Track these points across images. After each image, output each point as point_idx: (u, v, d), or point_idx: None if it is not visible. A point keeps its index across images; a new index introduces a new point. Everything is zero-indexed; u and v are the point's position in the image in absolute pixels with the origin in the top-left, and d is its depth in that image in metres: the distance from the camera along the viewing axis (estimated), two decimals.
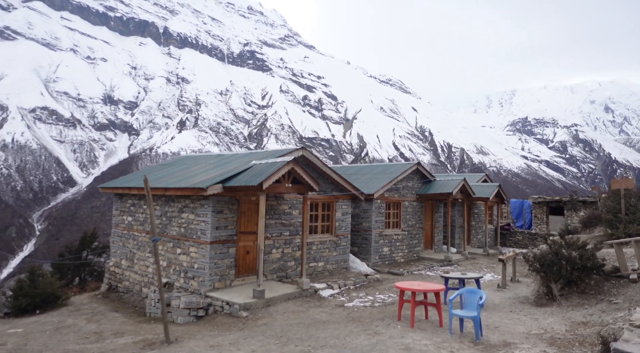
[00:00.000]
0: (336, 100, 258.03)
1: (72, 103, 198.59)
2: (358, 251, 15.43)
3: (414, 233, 17.07)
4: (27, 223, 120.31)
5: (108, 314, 10.30)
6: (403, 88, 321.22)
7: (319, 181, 12.65)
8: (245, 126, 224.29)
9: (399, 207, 16.44)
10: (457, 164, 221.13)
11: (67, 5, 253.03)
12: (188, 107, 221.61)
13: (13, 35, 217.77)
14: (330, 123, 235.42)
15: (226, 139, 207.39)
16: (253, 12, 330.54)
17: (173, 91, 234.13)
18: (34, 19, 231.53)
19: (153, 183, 11.64)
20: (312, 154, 12.35)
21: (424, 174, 17.52)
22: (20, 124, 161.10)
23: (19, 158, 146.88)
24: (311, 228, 12.95)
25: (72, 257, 13.86)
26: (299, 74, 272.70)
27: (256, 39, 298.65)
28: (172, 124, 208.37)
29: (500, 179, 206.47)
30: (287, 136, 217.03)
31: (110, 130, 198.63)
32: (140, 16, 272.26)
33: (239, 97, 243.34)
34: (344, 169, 18.72)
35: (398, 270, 14.60)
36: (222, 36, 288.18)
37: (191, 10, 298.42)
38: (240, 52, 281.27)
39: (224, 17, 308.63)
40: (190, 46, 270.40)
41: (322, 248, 13.14)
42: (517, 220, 25.03)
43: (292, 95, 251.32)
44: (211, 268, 10.10)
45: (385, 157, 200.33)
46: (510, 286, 12.54)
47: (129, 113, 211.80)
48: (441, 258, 16.59)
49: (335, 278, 12.53)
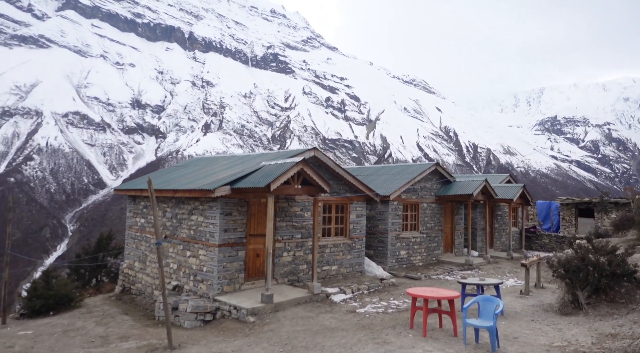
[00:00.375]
0: (359, 101, 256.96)
1: (102, 108, 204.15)
2: (374, 255, 15.01)
3: (432, 235, 16.52)
4: (60, 224, 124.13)
5: (118, 317, 10.24)
6: (427, 88, 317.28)
7: (331, 183, 12.34)
8: (269, 128, 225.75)
9: (416, 209, 15.94)
10: (483, 164, 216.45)
11: (97, 13, 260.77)
12: (213, 110, 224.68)
13: (47, 43, 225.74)
14: (353, 124, 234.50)
15: (250, 141, 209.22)
16: (276, 15, 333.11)
17: (198, 95, 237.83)
18: (67, 27, 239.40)
19: (164, 185, 11.57)
20: (324, 155, 12.04)
21: (443, 175, 16.95)
22: (54, 129, 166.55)
23: (52, 161, 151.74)
24: (324, 230, 12.64)
25: (88, 258, 13.97)
26: (321, 76, 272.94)
27: (279, 41, 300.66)
28: (197, 127, 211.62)
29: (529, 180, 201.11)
30: (310, 137, 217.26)
31: (138, 133, 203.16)
32: (166, 22, 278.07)
33: (263, 100, 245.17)
34: (361, 170, 18.34)
35: (415, 274, 14.11)
36: (245, 40, 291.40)
37: (215, 15, 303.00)
38: (263, 55, 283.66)
39: (248, 21, 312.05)
40: (214, 50, 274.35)
41: (336, 251, 12.80)
42: (544, 223, 24.02)
43: (315, 97, 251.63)
44: (219, 272, 9.91)
45: (409, 158, 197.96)
46: (534, 293, 11.90)
47: (156, 117, 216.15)
48: (461, 262, 15.99)
49: (349, 282, 12.17)
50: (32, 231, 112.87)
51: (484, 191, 16.62)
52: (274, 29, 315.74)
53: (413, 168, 16.37)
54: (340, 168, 12.57)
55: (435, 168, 16.45)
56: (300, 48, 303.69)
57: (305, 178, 10.22)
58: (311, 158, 11.78)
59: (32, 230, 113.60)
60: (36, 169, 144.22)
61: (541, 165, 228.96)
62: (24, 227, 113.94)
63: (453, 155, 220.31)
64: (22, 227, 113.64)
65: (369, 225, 15.19)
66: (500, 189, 18.68)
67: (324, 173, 12.38)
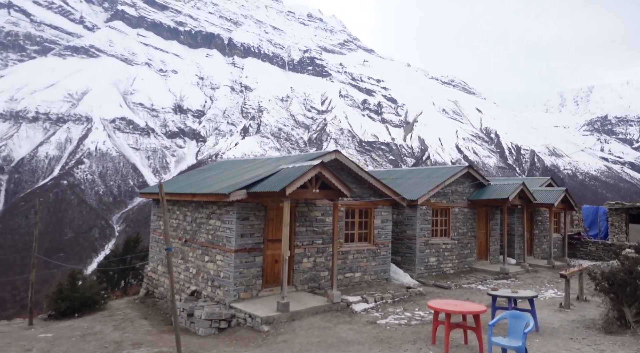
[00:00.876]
0: (396, 103, 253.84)
1: (146, 113, 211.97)
2: (401, 261, 14.38)
3: (465, 242, 15.68)
4: (107, 224, 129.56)
5: (136, 321, 10.21)
6: (466, 89, 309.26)
7: (355, 187, 11.90)
8: (305, 131, 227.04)
9: (447, 214, 15.17)
10: (527, 167, 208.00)
11: (142, 23, 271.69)
12: (251, 114, 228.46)
13: (97, 52, 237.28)
14: (390, 127, 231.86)
15: (287, 144, 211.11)
16: (313, 19, 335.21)
17: (237, 99, 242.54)
18: (114, 37, 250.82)
19: (184, 189, 11.50)
20: (346, 158, 11.60)
21: (476, 178, 16.07)
22: (102, 134, 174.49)
23: (101, 164, 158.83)
24: (347, 236, 12.19)
25: (116, 261, 14.17)
26: (358, 78, 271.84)
27: (316, 45, 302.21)
28: (236, 131, 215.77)
29: (576, 183, 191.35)
30: (347, 140, 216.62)
31: (180, 137, 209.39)
32: (207, 29, 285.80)
33: (299, 103, 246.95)
34: (389, 174, 17.73)
35: (445, 282, 13.38)
36: (283, 44, 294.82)
37: (254, 21, 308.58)
38: (300, 59, 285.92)
39: (285, 26, 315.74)
40: (253, 55, 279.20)
41: (359, 257, 12.31)
42: (591, 229, 22.43)
43: (352, 99, 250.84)
44: (236, 278, 9.67)
45: (447, 160, 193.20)
46: (576, 306, 10.94)
47: (197, 121, 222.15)
48: (496, 271, 15.07)
49: (373, 291, 11.64)
50: (83, 231, 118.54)
51: (521, 195, 15.63)
52: (310, 33, 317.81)
53: (443, 170, 15.62)
54: (364, 171, 12.09)
55: (468, 171, 15.62)
56: (336, 51, 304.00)
57: (324, 182, 9.83)
58: (332, 161, 11.38)
59: (83, 230, 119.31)
60: (86, 173, 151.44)
61: (590, 167, 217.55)
62: (75, 227, 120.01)
63: (494, 157, 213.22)
64: (74, 227, 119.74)
65: (396, 230, 14.60)
66: (540, 193, 17.54)
67: (347, 177, 11.94)
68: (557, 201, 16.78)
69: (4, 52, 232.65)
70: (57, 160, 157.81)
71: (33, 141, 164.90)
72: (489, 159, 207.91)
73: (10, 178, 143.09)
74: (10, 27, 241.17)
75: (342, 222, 11.90)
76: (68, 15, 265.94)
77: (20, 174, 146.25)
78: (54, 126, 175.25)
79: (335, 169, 11.68)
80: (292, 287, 10.81)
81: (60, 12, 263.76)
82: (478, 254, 16.33)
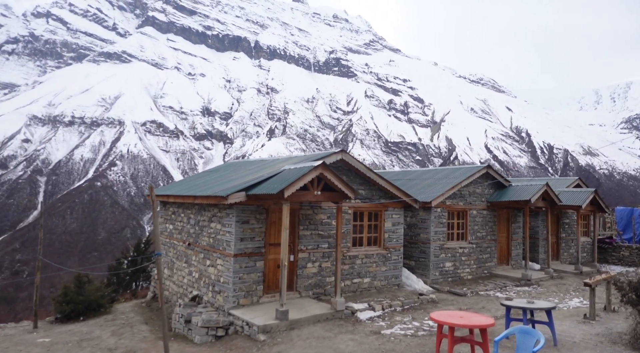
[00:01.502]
0: (423, 103, 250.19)
1: (175, 116, 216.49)
2: (415, 266, 13.76)
3: (484, 246, 14.89)
4: (139, 224, 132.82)
5: (136, 327, 10.04)
6: (496, 87, 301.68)
7: (363, 188, 11.41)
8: (331, 132, 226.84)
9: (464, 216, 14.44)
10: (560, 166, 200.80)
11: (172, 28, 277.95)
12: (277, 116, 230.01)
13: (128, 58, 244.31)
14: (416, 127, 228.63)
15: (312, 145, 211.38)
16: (338, 19, 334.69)
17: (263, 101, 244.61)
18: (145, 43, 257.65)
19: (187, 191, 11.29)
20: (352, 158, 11.12)
21: (496, 179, 15.25)
22: (134, 137, 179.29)
23: (132, 166, 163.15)
24: (355, 239, 11.69)
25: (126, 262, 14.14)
26: (384, 78, 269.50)
27: (341, 46, 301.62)
28: (262, 133, 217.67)
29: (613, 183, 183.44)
30: (373, 141, 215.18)
31: (208, 139, 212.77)
32: (234, 32, 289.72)
33: (325, 104, 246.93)
34: (404, 174, 17.09)
35: (461, 289, 12.68)
36: (308, 46, 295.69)
37: (280, 23, 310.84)
38: (325, 60, 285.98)
39: (311, 27, 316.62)
40: (278, 57, 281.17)
41: (369, 262, 11.79)
42: (624, 232, 21.06)
43: (377, 100, 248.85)
44: (235, 283, 9.34)
45: (476, 160, 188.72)
46: (602, 318, 10.11)
47: (224, 123, 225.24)
48: (518, 277, 14.23)
49: (381, 297, 11.10)
50: (115, 231, 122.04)
51: (544, 196, 14.71)
52: (336, 33, 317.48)
53: (460, 171, 14.88)
54: (372, 171, 11.57)
55: (487, 171, 14.81)
56: (362, 51, 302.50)
57: (326, 184, 9.39)
58: (338, 161, 10.92)
59: (115, 230, 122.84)
60: (119, 174, 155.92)
61: (628, 166, 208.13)
62: (108, 227, 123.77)
63: (525, 157, 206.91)
64: (107, 227, 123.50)
65: (410, 233, 13.99)
66: (566, 194, 16.53)
67: (354, 178, 11.46)
68: (585, 203, 15.73)
69: (43, 59, 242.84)
70: (91, 162, 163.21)
71: (69, 144, 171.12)
72: (520, 159, 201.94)
73: (48, 180, 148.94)
74: (49, 36, 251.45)
75: (349, 225, 11.42)
76: (102, 22, 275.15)
77: (57, 176, 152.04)
78: (89, 129, 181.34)
79: (341, 170, 11.23)
80: (296, 293, 10.41)
81: (94, 19, 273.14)
82: (499, 259, 15.50)
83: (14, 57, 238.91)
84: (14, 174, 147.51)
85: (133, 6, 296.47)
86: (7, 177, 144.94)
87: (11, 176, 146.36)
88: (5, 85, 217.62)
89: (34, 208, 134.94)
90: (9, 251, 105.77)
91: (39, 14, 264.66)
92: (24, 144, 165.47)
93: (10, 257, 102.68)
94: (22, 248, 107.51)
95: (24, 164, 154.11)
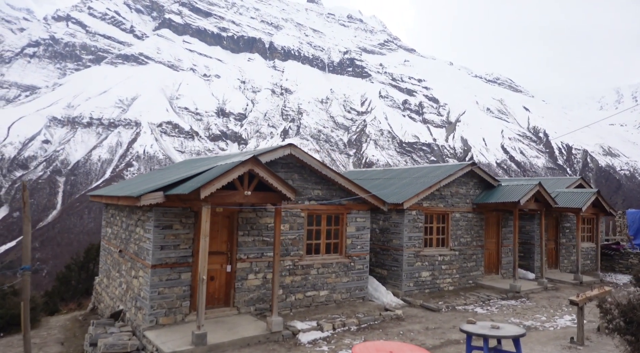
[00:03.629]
0: (438, 103, 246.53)
1: (191, 117, 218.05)
2: (387, 276, 12.27)
3: (469, 253, 13.30)
4: None
5: (48, 347, 8.83)
6: (513, 87, 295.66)
7: (320, 187, 10.05)
8: (345, 132, 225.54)
9: (446, 220, 12.88)
10: (579, 167, 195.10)
11: (188, 30, 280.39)
12: (291, 117, 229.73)
13: (145, 60, 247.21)
14: (431, 127, 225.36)
15: (326, 146, 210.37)
16: (353, 20, 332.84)
17: (277, 102, 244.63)
18: (162, 45, 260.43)
19: (116, 191, 10.06)
20: (304, 153, 9.71)
21: (484, 179, 13.65)
22: (150, 138, 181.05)
23: (149, 167, 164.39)
24: (311, 246, 10.28)
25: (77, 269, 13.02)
26: (398, 79, 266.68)
27: (355, 46, 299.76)
28: (276, 133, 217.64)
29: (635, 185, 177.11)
30: (387, 141, 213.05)
31: (222, 140, 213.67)
32: (248, 34, 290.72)
33: (339, 105, 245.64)
34: (383, 173, 15.57)
35: (436, 303, 11.15)
36: (322, 46, 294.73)
37: (294, 24, 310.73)
38: (340, 61, 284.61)
39: (325, 28, 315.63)
40: (293, 58, 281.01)
41: (326, 272, 10.36)
42: (636, 237, 19.11)
43: (392, 100, 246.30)
44: (153, 299, 8.04)
45: (492, 161, 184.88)
46: (593, 342, 8.52)
47: (239, 124, 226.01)
48: (505, 288, 12.62)
49: (338, 314, 9.69)
50: None
51: (537, 198, 13.07)
52: (350, 34, 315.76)
53: (442, 169, 13.33)
54: (329, 168, 10.14)
55: (471, 169, 13.20)
56: (377, 52, 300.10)
57: (262, 182, 8.04)
58: (287, 156, 9.55)
59: None
60: (135, 175, 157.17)
61: None
62: None
63: (543, 157, 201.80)
64: None
65: (382, 239, 12.52)
66: (565, 196, 14.80)
67: (309, 176, 10.07)
68: (586, 206, 13.98)
69: (62, 62, 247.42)
70: (108, 163, 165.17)
71: (87, 145, 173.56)
72: (537, 159, 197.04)
73: (67, 180, 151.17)
74: (68, 39, 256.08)
75: (302, 230, 10.02)
76: (120, 25, 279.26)
77: (75, 176, 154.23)
78: (106, 130, 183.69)
79: (292, 167, 9.86)
80: (233, 309, 9.06)
81: (112, 22, 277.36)
82: (487, 267, 13.88)
83: (35, 60, 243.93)
84: (34, 174, 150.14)
85: (150, 9, 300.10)
86: (28, 177, 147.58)
87: (32, 176, 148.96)
88: (27, 87, 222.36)
89: (53, 208, 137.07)
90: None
91: (59, 18, 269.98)
92: (44, 145, 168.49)
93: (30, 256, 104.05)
94: (42, 247, 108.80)
95: (44, 164, 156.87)
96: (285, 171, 9.75)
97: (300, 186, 9.92)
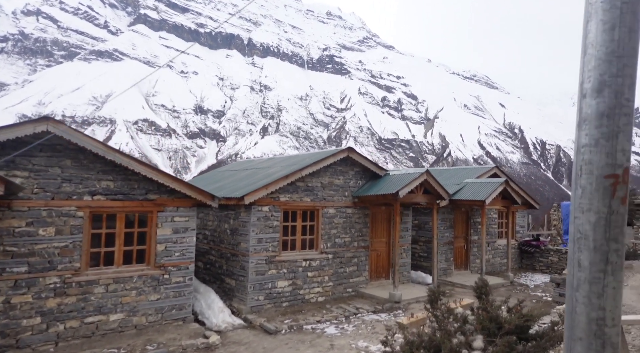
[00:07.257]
0: (416, 100, 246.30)
1: (168, 114, 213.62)
2: (235, 288, 9.93)
3: (347, 256, 11.04)
4: None
5: None
6: (489, 83, 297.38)
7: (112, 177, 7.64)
8: (325, 129, 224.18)
9: (315, 217, 10.59)
10: (552, 162, 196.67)
11: (164, 26, 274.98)
12: (270, 114, 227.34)
13: (120, 56, 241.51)
14: (410, 123, 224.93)
15: (306, 143, 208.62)
16: (332, 16, 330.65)
17: (256, 99, 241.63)
18: (137, 41, 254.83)
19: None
20: (74, 131, 7.23)
21: (368, 168, 11.40)
22: (125, 135, 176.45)
23: None
24: (97, 256, 7.85)
25: None
26: (377, 76, 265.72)
27: (335, 43, 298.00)
28: (255, 131, 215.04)
29: None
30: (366, 138, 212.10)
31: (201, 138, 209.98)
32: (227, 30, 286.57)
33: (319, 102, 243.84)
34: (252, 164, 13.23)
35: (282, 322, 8.84)
36: (302, 43, 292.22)
37: (273, 20, 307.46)
38: (319, 58, 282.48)
39: (304, 24, 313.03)
40: (272, 55, 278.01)
41: (122, 289, 7.93)
42: (568, 232, 17.24)
43: (371, 97, 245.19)
44: None
45: (469, 156, 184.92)
46: None
47: (217, 121, 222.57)
48: (385, 297, 10.41)
49: (126, 344, 7.31)
50: None
51: (428, 189, 10.89)
52: (329, 30, 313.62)
53: (312, 156, 11.06)
54: (118, 152, 7.67)
55: (348, 156, 10.92)
56: (356, 48, 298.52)
57: None
58: (45, 134, 7.08)
59: None
60: None
61: None
62: None
63: (518, 153, 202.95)
64: None
65: (232, 242, 10.18)
66: (473, 187, 12.68)
67: (92, 163, 7.61)
68: (490, 197, 11.85)
69: (33, 58, 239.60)
70: None
71: None
72: (513, 155, 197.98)
73: None
74: (39, 34, 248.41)
75: (79, 235, 7.58)
76: (93, 20, 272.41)
77: None
78: (80, 128, 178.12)
79: (63, 150, 7.42)
80: None
81: (85, 17, 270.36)
82: (374, 272, 11.66)
83: (3, 55, 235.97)
84: None
85: (125, 4, 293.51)
86: None
87: None
88: None
89: None
90: None
91: (29, 12, 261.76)
92: None
93: None
94: None
95: None
96: (48, 156, 7.30)
97: (76, 175, 7.49)
